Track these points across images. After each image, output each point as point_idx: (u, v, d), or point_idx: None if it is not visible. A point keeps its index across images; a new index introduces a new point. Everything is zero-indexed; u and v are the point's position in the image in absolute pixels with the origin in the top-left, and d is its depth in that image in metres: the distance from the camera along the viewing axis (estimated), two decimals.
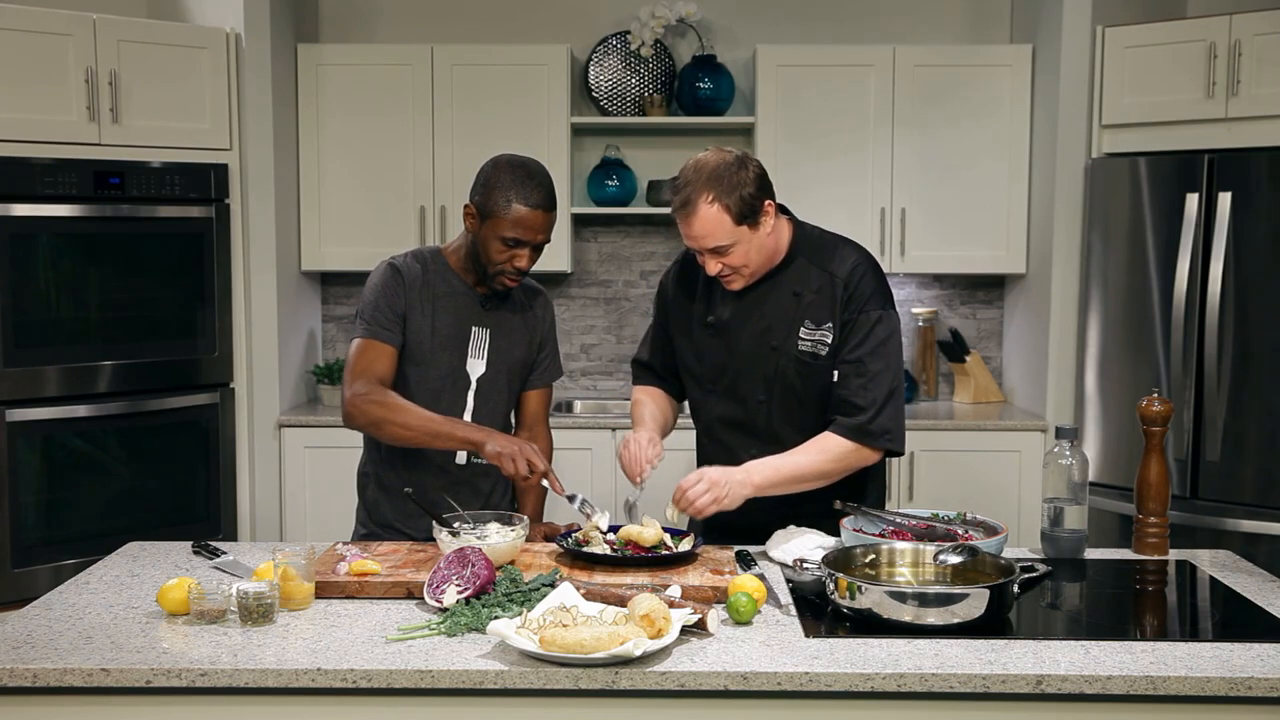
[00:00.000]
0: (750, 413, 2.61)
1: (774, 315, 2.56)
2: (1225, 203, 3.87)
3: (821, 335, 2.54)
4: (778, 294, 2.57)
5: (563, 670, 1.83)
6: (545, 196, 2.56)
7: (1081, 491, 2.50)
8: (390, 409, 2.52)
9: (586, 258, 5.05)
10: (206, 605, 2.04)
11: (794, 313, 2.55)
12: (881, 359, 2.52)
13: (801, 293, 2.55)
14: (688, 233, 2.45)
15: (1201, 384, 3.96)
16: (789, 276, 2.57)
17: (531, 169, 2.58)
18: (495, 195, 2.54)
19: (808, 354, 2.54)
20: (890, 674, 1.83)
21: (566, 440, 4.46)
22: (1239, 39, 3.92)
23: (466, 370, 2.65)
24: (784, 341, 2.55)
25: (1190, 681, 1.83)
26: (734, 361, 2.60)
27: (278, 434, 4.49)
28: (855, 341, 2.52)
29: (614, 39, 4.86)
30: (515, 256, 2.57)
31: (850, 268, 2.55)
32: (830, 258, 2.57)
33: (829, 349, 2.53)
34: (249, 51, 4.31)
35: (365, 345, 2.59)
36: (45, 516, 3.99)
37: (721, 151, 2.47)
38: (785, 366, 2.55)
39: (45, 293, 3.96)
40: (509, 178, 2.55)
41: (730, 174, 2.41)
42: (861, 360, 2.51)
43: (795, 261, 2.57)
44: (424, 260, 2.67)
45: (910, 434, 4.41)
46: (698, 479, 2.40)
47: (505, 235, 2.54)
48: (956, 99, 4.61)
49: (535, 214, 2.54)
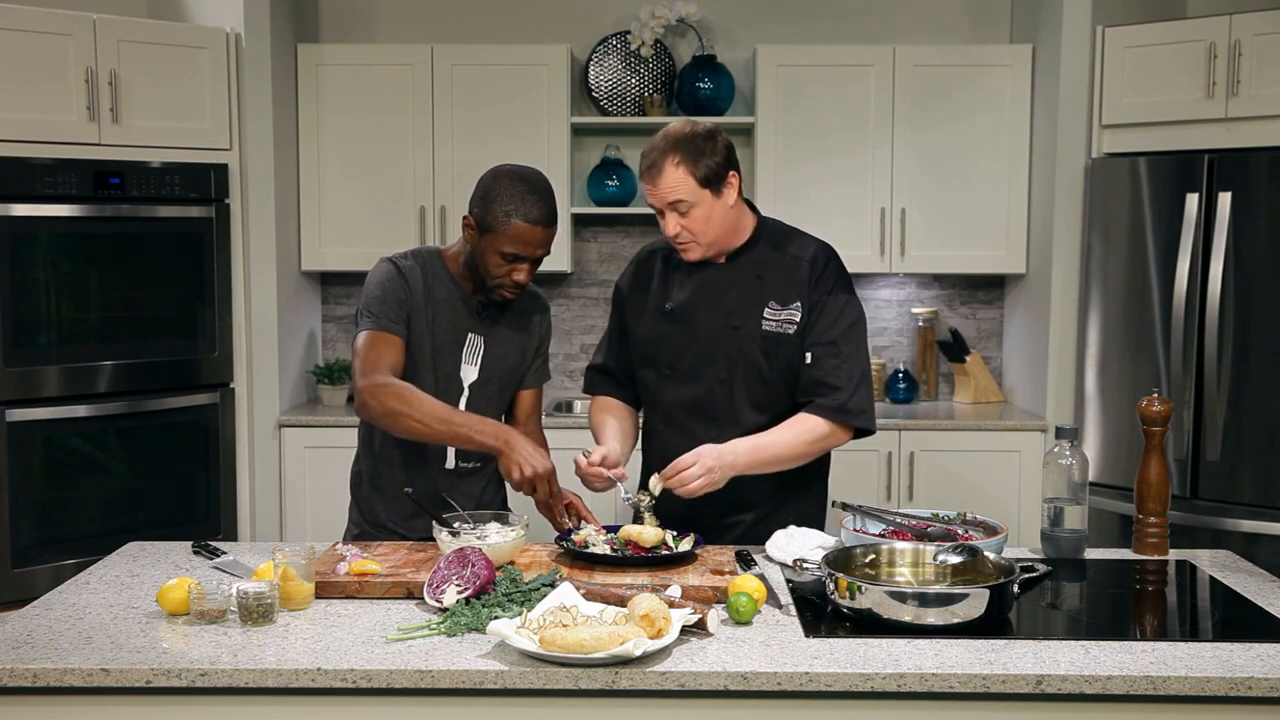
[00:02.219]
0: (710, 394, 2.61)
1: (736, 296, 2.60)
2: (1225, 203, 3.87)
3: (789, 314, 2.58)
4: (740, 275, 2.61)
5: (563, 670, 1.83)
6: (545, 212, 2.51)
7: (1081, 491, 2.50)
8: (408, 402, 2.46)
9: (586, 258, 5.05)
10: (206, 605, 2.04)
11: (757, 293, 2.59)
12: (852, 341, 2.59)
13: (764, 275, 2.60)
14: (653, 190, 2.51)
15: (1201, 384, 3.96)
16: (751, 259, 2.62)
17: (532, 182, 2.53)
18: (494, 209, 2.49)
19: (774, 333, 2.57)
20: (890, 674, 1.83)
21: (567, 440, 4.46)
22: (1239, 39, 3.92)
23: (460, 377, 2.63)
24: (746, 321, 2.58)
25: (1190, 681, 1.83)
26: (694, 344, 2.61)
27: (278, 434, 4.49)
28: (826, 323, 2.57)
29: (614, 39, 4.86)
30: (514, 270, 2.53)
31: (814, 252, 2.62)
32: (792, 243, 2.64)
33: (797, 327, 2.57)
34: (249, 51, 4.31)
35: (375, 337, 2.54)
36: (45, 516, 3.98)
37: (693, 122, 2.55)
38: (748, 346, 2.57)
39: (45, 293, 3.96)
40: (508, 191, 2.50)
41: (698, 141, 2.49)
42: (835, 342, 2.57)
43: (757, 246, 2.63)
44: (424, 262, 2.63)
45: (910, 434, 4.47)
46: (693, 461, 2.42)
47: (504, 250, 2.50)
48: (956, 99, 4.61)
49: (535, 230, 2.50)
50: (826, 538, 2.46)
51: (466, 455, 2.65)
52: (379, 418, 2.51)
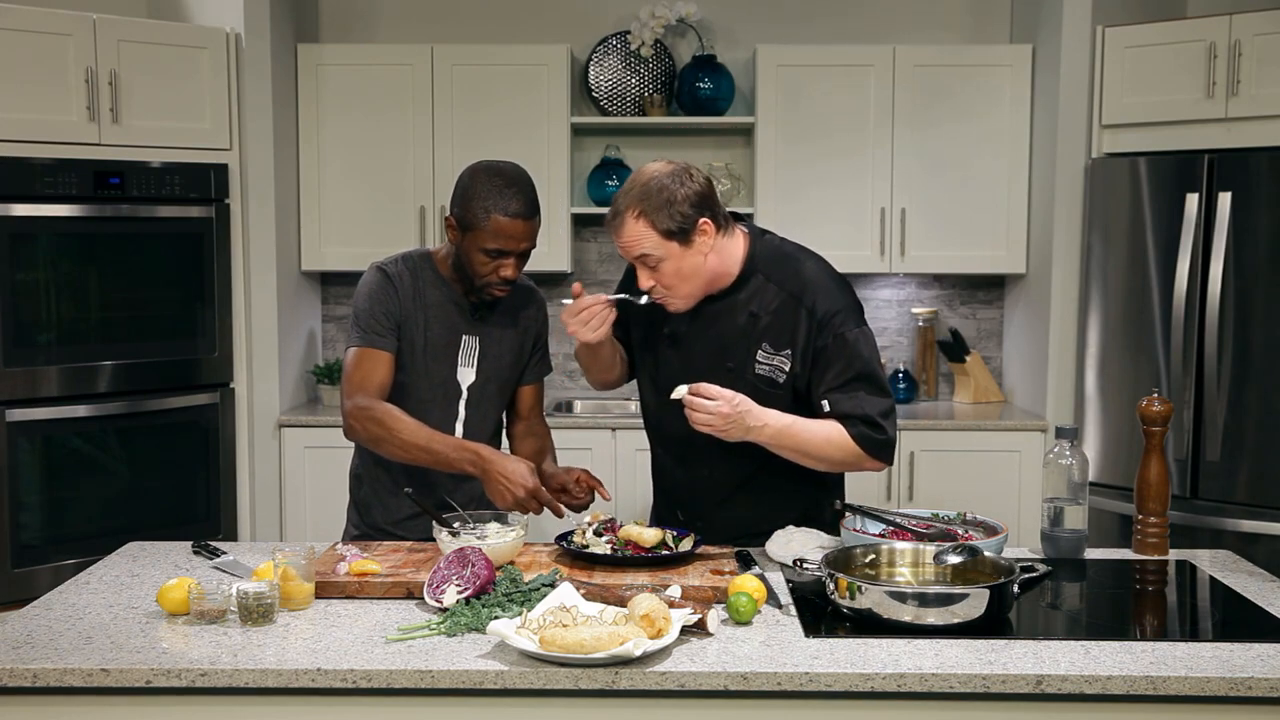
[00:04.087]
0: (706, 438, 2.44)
1: (729, 335, 2.48)
2: (1225, 203, 3.87)
3: (780, 361, 2.45)
4: (732, 314, 2.47)
5: (563, 670, 1.83)
6: (525, 204, 2.49)
7: (1081, 491, 2.50)
8: (389, 428, 2.47)
9: (586, 258, 5.05)
10: (206, 605, 2.04)
11: (751, 333, 2.46)
12: (879, 368, 2.46)
13: (759, 313, 2.46)
14: (617, 242, 2.39)
15: (1201, 384, 3.96)
16: (745, 296, 2.47)
17: (509, 175, 2.51)
18: (473, 206, 2.48)
19: (765, 378, 2.46)
20: (890, 674, 1.83)
21: (566, 440, 4.44)
22: (1239, 39, 3.92)
23: (457, 380, 2.62)
24: (740, 363, 2.47)
25: (1190, 681, 1.83)
26: (691, 378, 2.41)
27: (278, 434, 4.49)
28: (849, 361, 2.42)
29: (614, 39, 4.86)
30: (500, 267, 2.51)
31: (814, 287, 2.44)
32: (789, 274, 2.46)
33: (787, 376, 2.45)
34: (249, 51, 4.31)
35: (362, 355, 2.55)
36: (45, 516, 3.99)
37: (667, 164, 2.39)
38: (743, 387, 2.41)
39: (45, 293, 3.96)
40: (486, 187, 2.48)
41: (665, 190, 2.33)
42: (863, 375, 2.42)
43: (752, 280, 2.47)
44: (413, 266, 2.62)
45: (910, 434, 4.47)
46: (718, 399, 2.30)
47: (487, 246, 2.49)
48: (956, 99, 4.61)
49: (515, 223, 2.48)
50: (827, 537, 2.46)
51: None
52: (364, 443, 2.56)
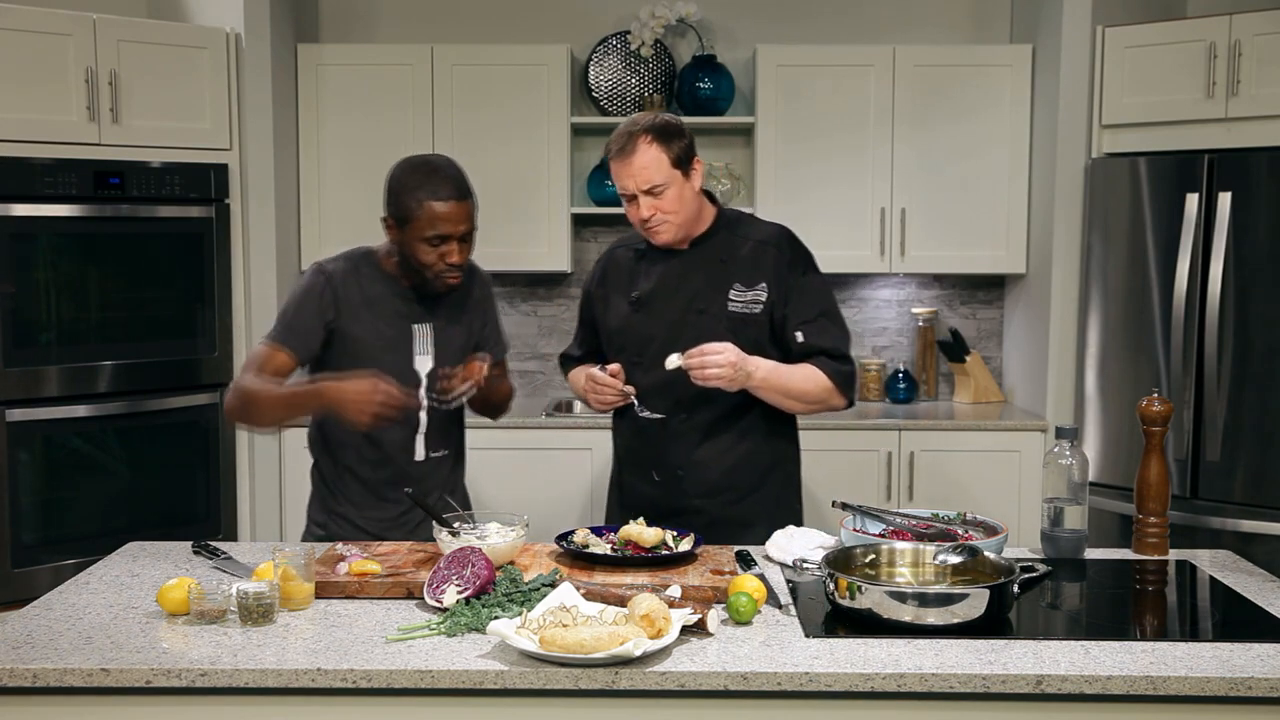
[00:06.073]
0: (679, 377, 2.62)
1: (701, 281, 2.71)
2: (1225, 203, 3.87)
3: (755, 295, 2.68)
4: (704, 261, 2.72)
5: (563, 670, 1.83)
6: (455, 187, 2.57)
7: (1081, 491, 2.50)
8: (243, 397, 2.55)
9: (586, 258, 5.05)
10: (206, 605, 2.04)
11: (722, 277, 2.70)
12: (839, 317, 2.74)
13: (728, 259, 2.71)
14: (627, 172, 2.60)
15: (1201, 384, 3.96)
16: (714, 245, 2.73)
17: (435, 164, 2.60)
18: (405, 199, 2.56)
19: (740, 313, 2.68)
20: (890, 674, 1.83)
21: (567, 440, 4.48)
22: (1239, 39, 3.92)
23: (415, 369, 2.67)
24: (711, 304, 2.68)
25: (1190, 681, 1.83)
26: (660, 330, 2.70)
27: (278, 434, 4.49)
28: (809, 301, 2.69)
29: (614, 39, 4.86)
30: (445, 253, 2.58)
31: (778, 236, 2.75)
32: (753, 229, 2.77)
33: (763, 307, 2.68)
34: (249, 51, 4.31)
35: (266, 351, 2.62)
36: (45, 516, 3.98)
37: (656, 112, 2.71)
38: (714, 327, 2.65)
39: (45, 293, 3.96)
40: (414, 179, 2.56)
41: (668, 124, 2.62)
42: (826, 314, 2.70)
43: (719, 233, 2.74)
44: (355, 263, 2.70)
45: (910, 434, 4.47)
46: (722, 350, 2.52)
47: (426, 235, 2.55)
48: (956, 99, 4.61)
49: (449, 206, 2.55)
50: (827, 537, 2.46)
51: (435, 445, 2.72)
52: (240, 423, 2.66)
